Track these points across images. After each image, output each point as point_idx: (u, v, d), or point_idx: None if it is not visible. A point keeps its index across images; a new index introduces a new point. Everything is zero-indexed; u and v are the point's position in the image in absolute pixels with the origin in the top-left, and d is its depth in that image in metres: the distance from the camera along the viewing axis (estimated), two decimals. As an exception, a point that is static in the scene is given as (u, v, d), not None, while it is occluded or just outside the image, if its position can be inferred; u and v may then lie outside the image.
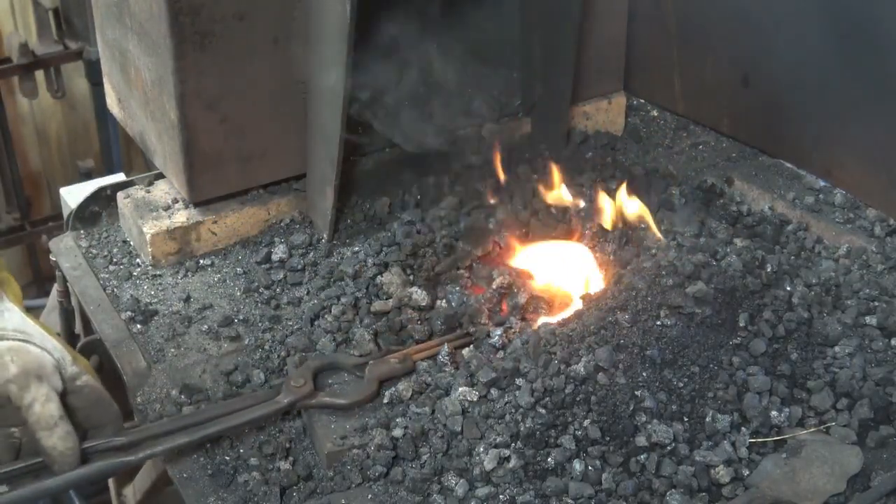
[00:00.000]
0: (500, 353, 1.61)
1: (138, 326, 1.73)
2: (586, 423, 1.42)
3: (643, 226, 1.87)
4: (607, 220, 1.88)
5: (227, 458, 1.46)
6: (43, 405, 1.32)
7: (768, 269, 1.73)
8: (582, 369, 1.48)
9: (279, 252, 1.88)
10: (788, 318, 1.60)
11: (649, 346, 1.51)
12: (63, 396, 1.36)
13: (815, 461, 1.38)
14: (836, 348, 1.58)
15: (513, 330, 1.65)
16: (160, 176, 2.03)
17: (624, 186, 1.93)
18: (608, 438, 1.41)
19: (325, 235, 1.93)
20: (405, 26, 2.22)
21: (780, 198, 2.04)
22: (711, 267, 1.67)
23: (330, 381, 1.58)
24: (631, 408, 1.44)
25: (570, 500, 1.36)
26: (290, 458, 1.46)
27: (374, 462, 1.42)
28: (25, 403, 1.32)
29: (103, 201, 2.02)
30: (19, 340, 1.34)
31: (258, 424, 1.50)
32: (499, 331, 1.64)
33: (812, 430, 1.45)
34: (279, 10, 1.81)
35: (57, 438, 1.33)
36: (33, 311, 1.52)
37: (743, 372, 1.50)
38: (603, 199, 1.91)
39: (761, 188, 2.08)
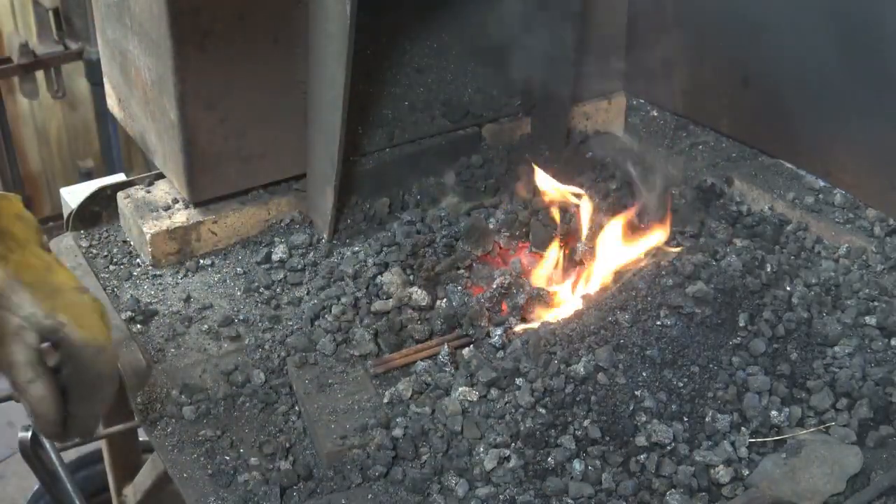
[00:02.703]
0: (500, 353, 1.61)
1: (138, 326, 1.73)
2: (586, 423, 1.42)
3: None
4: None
5: (228, 457, 1.46)
6: (4, 371, 1.26)
7: (768, 269, 1.73)
8: (582, 369, 1.48)
9: (279, 252, 1.88)
10: (788, 318, 1.60)
11: (649, 346, 1.51)
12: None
13: (814, 461, 1.38)
14: (836, 348, 1.58)
15: (513, 330, 1.65)
16: (160, 176, 2.03)
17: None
18: (608, 438, 1.41)
19: (325, 235, 1.93)
20: (405, 26, 2.23)
21: (780, 198, 2.04)
22: (711, 267, 1.67)
23: (330, 381, 1.58)
24: (631, 408, 1.44)
25: (570, 500, 1.36)
26: (290, 458, 1.46)
27: (374, 462, 1.43)
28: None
29: (103, 201, 2.02)
30: None
31: None
32: (499, 331, 1.65)
33: (812, 430, 1.45)
34: (279, 10, 1.81)
35: (31, 403, 1.26)
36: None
37: (743, 372, 1.50)
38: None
39: (761, 188, 2.08)
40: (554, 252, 1.84)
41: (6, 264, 1.28)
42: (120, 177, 2.13)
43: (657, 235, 1.79)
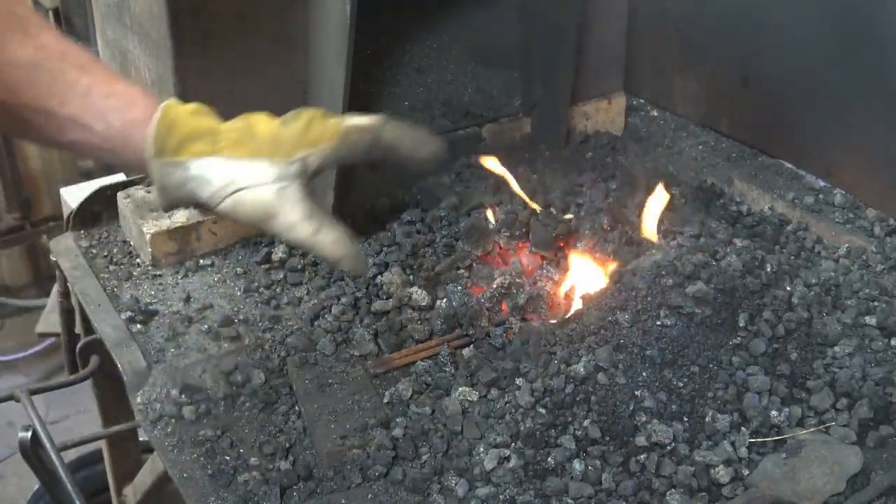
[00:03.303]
0: (500, 353, 1.61)
1: (138, 326, 1.73)
2: (586, 423, 1.42)
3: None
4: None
5: (228, 457, 1.46)
6: (290, 236, 1.31)
7: (768, 269, 1.73)
8: (582, 369, 1.48)
9: (279, 252, 1.88)
10: (788, 318, 1.60)
11: (649, 346, 1.51)
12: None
13: (814, 461, 1.38)
14: (836, 348, 1.58)
15: (513, 330, 1.65)
16: (160, 176, 2.02)
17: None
18: (608, 438, 1.41)
19: (325, 235, 1.93)
20: (405, 26, 2.23)
21: (780, 198, 2.04)
22: (711, 267, 1.67)
23: (330, 381, 1.58)
24: (631, 408, 1.44)
25: (570, 500, 1.36)
26: (290, 458, 1.46)
27: (374, 462, 1.43)
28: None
29: (103, 201, 2.02)
30: (232, 194, 1.29)
31: None
32: (499, 331, 1.65)
33: (812, 429, 1.45)
34: (279, 10, 1.81)
35: (327, 251, 1.31)
36: (33, 312, 1.49)
37: (743, 372, 1.50)
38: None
39: (761, 188, 2.08)
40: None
41: (224, 154, 1.30)
42: (120, 177, 2.12)
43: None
